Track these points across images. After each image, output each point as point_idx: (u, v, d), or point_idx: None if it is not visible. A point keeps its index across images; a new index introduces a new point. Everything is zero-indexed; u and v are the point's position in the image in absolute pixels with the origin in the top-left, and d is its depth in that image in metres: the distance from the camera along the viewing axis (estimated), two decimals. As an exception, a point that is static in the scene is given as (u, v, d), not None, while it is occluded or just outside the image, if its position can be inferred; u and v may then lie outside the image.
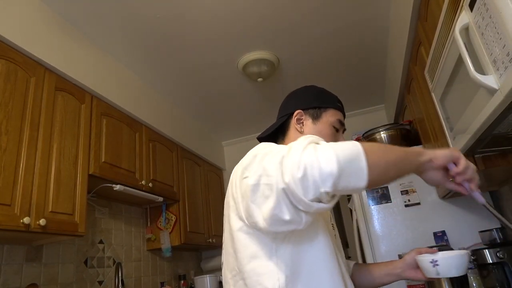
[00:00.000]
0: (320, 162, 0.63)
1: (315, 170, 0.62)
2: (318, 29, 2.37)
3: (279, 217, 0.67)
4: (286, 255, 0.78)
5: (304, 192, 0.63)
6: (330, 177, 0.62)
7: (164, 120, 2.89)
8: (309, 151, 0.65)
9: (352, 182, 0.64)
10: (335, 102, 1.06)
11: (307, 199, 0.63)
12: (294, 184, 0.63)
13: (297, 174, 0.63)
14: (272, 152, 0.73)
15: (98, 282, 2.22)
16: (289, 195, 0.64)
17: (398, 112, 2.99)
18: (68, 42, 2.01)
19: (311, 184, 0.62)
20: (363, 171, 0.64)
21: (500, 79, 0.86)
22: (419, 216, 2.24)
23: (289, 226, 0.68)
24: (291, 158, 0.65)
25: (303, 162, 0.63)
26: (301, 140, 0.69)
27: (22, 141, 1.61)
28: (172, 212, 2.84)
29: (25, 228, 1.51)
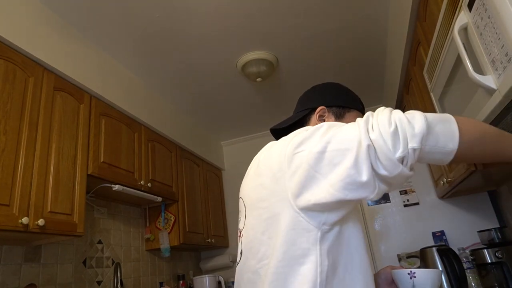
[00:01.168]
0: (410, 119, 0.64)
1: (405, 125, 0.63)
2: (317, 29, 2.37)
3: (354, 179, 0.65)
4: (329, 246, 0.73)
5: (393, 147, 0.63)
6: (419, 132, 0.62)
7: (163, 120, 2.89)
8: (398, 111, 0.66)
9: (441, 141, 0.64)
10: (358, 104, 1.04)
11: (395, 156, 0.62)
12: (383, 139, 0.63)
13: (388, 129, 0.63)
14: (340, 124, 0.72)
15: (97, 282, 2.22)
16: (374, 153, 0.64)
17: (397, 112, 2.99)
18: (66, 42, 2.01)
19: (401, 139, 0.62)
20: (454, 132, 0.64)
21: (498, 79, 0.86)
22: (418, 216, 2.24)
23: (361, 191, 0.66)
24: (380, 116, 0.66)
25: (393, 118, 0.65)
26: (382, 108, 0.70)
27: (21, 141, 1.60)
28: (171, 212, 2.83)
29: (24, 228, 1.50)
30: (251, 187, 0.86)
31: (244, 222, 0.88)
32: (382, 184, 0.66)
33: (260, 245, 0.79)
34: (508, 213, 2.01)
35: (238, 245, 0.91)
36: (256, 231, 0.81)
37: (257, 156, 0.92)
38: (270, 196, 0.78)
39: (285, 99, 3.27)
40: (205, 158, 3.55)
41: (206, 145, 3.64)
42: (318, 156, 0.69)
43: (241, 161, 3.97)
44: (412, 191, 2.27)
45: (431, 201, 2.23)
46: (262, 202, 0.80)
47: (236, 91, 3.05)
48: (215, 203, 3.53)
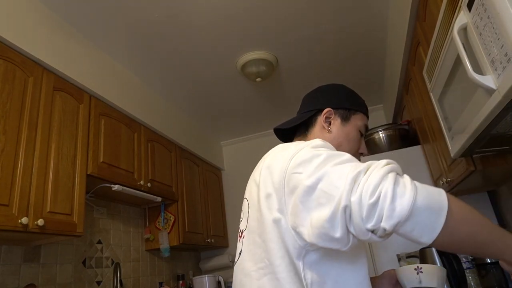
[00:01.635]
0: (396, 197, 0.58)
1: (386, 203, 0.58)
2: (317, 29, 2.37)
3: (327, 232, 0.64)
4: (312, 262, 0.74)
5: (366, 219, 0.60)
6: (397, 216, 0.58)
7: (163, 120, 2.89)
8: (390, 179, 0.60)
9: (416, 232, 0.59)
10: (364, 107, 1.03)
11: (365, 226, 0.60)
12: (360, 206, 0.60)
13: (369, 199, 0.59)
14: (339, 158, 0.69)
15: (97, 282, 2.21)
16: (348, 215, 0.61)
17: (397, 112, 3.00)
18: (66, 42, 2.01)
19: (377, 215, 0.59)
20: (436, 227, 0.58)
21: (498, 79, 0.86)
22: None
23: (333, 244, 0.65)
24: (370, 179, 0.61)
25: (379, 189, 0.59)
26: (384, 163, 0.64)
27: (20, 141, 1.60)
28: (171, 212, 2.83)
29: (23, 229, 1.50)
30: (255, 190, 0.86)
31: (246, 223, 0.88)
32: (355, 241, 0.65)
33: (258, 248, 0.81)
34: (508, 213, 2.01)
35: (237, 245, 0.91)
36: (256, 234, 0.82)
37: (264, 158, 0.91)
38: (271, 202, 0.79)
39: (285, 99, 3.27)
40: (205, 158, 3.54)
41: (205, 145, 3.64)
42: (308, 190, 0.69)
43: (240, 161, 3.98)
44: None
45: (430, 201, 2.23)
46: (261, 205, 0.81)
47: (235, 91, 3.05)
48: (214, 203, 3.53)
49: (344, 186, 0.62)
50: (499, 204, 2.12)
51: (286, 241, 0.75)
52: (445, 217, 0.59)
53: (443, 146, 1.72)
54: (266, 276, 0.77)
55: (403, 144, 2.49)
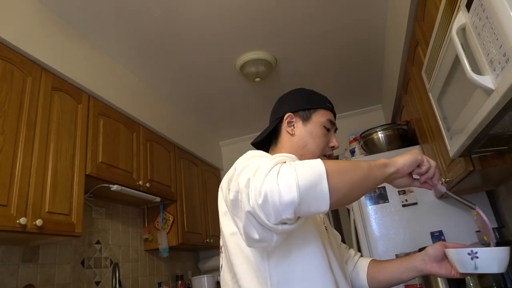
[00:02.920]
0: (281, 190, 0.62)
1: (275, 198, 0.62)
2: (316, 29, 2.37)
3: (250, 236, 0.68)
4: (277, 259, 0.80)
5: (266, 217, 0.63)
6: (291, 205, 0.62)
7: (162, 120, 2.88)
8: (271, 177, 0.64)
9: (313, 207, 0.64)
10: (324, 103, 1.06)
11: (271, 223, 0.64)
12: (257, 210, 0.63)
13: (258, 200, 0.63)
14: (248, 167, 0.72)
15: (95, 282, 2.21)
16: (253, 218, 0.65)
17: (396, 112, 3.00)
18: (65, 42, 2.00)
19: (272, 211, 0.63)
20: (325, 196, 0.64)
21: (496, 80, 0.86)
22: (416, 216, 2.24)
23: (260, 244, 0.69)
24: (254, 182, 0.65)
25: (264, 189, 0.63)
26: (268, 161, 0.68)
27: (19, 141, 1.60)
28: (170, 212, 2.83)
29: (22, 229, 1.50)
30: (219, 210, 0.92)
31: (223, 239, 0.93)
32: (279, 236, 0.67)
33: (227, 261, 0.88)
34: (506, 213, 2.01)
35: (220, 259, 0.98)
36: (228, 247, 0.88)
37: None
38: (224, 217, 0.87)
39: (284, 99, 3.27)
40: (204, 158, 3.54)
41: (204, 145, 3.64)
42: (232, 203, 0.73)
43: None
44: (410, 191, 2.27)
45: (429, 201, 2.24)
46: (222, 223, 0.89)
47: (234, 91, 3.05)
48: (213, 203, 3.52)
49: (243, 195, 0.67)
50: (498, 204, 2.12)
51: (245, 249, 0.82)
52: (327, 183, 0.64)
53: (442, 146, 1.73)
54: (235, 285, 0.84)
55: (402, 144, 2.49)
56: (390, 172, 0.77)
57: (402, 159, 0.79)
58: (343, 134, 3.41)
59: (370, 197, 2.33)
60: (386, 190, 2.32)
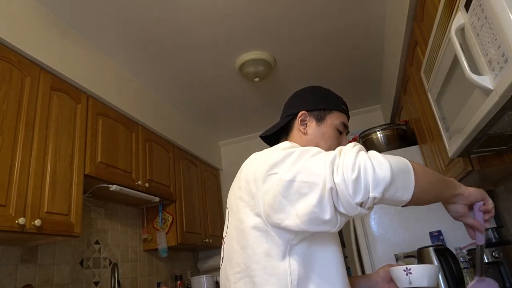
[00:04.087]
0: (375, 167, 0.65)
1: (369, 174, 0.64)
2: (315, 29, 2.38)
3: (317, 216, 0.67)
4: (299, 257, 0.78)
5: (353, 194, 0.64)
6: (382, 182, 0.64)
7: (161, 120, 2.88)
8: (364, 155, 0.67)
9: (399, 193, 0.67)
10: (340, 105, 1.04)
11: (354, 201, 0.64)
12: (345, 185, 0.64)
13: (351, 175, 0.64)
14: (311, 152, 0.73)
15: (94, 283, 2.21)
16: (336, 195, 0.65)
17: (395, 112, 3.00)
18: (63, 41, 2.00)
19: (363, 187, 0.64)
20: (411, 185, 0.67)
21: (495, 80, 0.86)
22: (415, 216, 2.24)
23: (324, 226, 0.69)
24: (346, 159, 0.66)
25: (357, 164, 0.65)
26: (352, 145, 0.70)
27: (17, 141, 1.60)
28: (169, 212, 2.83)
29: (20, 229, 1.50)
30: (233, 199, 0.90)
31: (226, 230, 0.92)
32: (343, 218, 0.69)
33: (235, 253, 0.84)
34: (505, 213, 2.01)
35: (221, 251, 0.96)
36: (234, 241, 0.86)
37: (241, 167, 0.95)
38: (246, 209, 0.82)
39: (283, 99, 3.24)
40: (203, 158, 3.54)
41: (203, 145, 3.64)
42: (287, 184, 0.72)
43: (238, 161, 3.94)
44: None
45: (428, 201, 2.24)
46: (240, 213, 0.85)
47: (233, 91, 3.05)
48: (212, 203, 3.52)
49: (325, 171, 0.67)
50: (497, 204, 2.12)
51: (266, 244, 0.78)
52: (413, 174, 0.68)
53: (440, 146, 1.73)
54: (242, 280, 0.81)
55: (401, 144, 2.49)
56: (457, 192, 0.79)
57: (471, 188, 0.81)
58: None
59: (369, 197, 2.33)
60: (385, 190, 2.32)
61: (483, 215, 0.83)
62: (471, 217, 0.83)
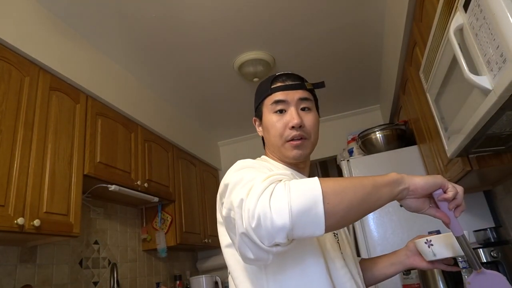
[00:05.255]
0: (273, 214, 0.60)
1: (267, 222, 0.61)
2: (314, 29, 2.38)
3: (245, 256, 0.67)
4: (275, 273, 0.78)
5: (260, 240, 0.62)
6: (282, 230, 0.61)
7: (160, 120, 2.88)
8: (264, 199, 0.62)
9: (307, 231, 0.62)
10: (267, 88, 0.98)
11: (265, 245, 0.63)
12: (250, 231, 0.62)
13: (251, 224, 0.62)
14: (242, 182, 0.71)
15: (93, 283, 2.21)
16: (248, 239, 0.64)
17: (394, 112, 3.01)
18: (63, 41, 2.00)
19: (265, 234, 0.61)
20: (319, 221, 0.61)
21: (494, 80, 0.86)
22: (414, 216, 2.24)
23: (256, 262, 0.69)
24: (247, 204, 0.64)
25: (257, 212, 0.61)
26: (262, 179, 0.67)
27: (16, 141, 1.59)
28: (168, 212, 2.83)
29: (19, 229, 1.49)
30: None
31: None
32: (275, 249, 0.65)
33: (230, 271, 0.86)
34: (504, 213, 2.02)
35: None
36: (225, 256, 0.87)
37: None
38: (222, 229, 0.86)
39: (282, 99, 3.27)
40: (202, 158, 3.54)
41: (202, 145, 3.64)
42: (226, 219, 0.73)
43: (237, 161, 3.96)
44: (408, 191, 2.28)
45: (427, 201, 2.24)
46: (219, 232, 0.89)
47: (233, 91, 3.05)
48: (211, 203, 3.52)
49: (237, 215, 0.66)
50: (495, 204, 2.13)
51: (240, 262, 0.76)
52: (323, 207, 0.61)
53: (439, 146, 1.73)
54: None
55: (400, 144, 2.50)
56: (399, 189, 0.72)
57: (419, 178, 0.74)
58: (341, 134, 3.41)
59: (368, 197, 2.34)
60: (384, 190, 2.32)
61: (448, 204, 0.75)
62: (434, 208, 0.77)
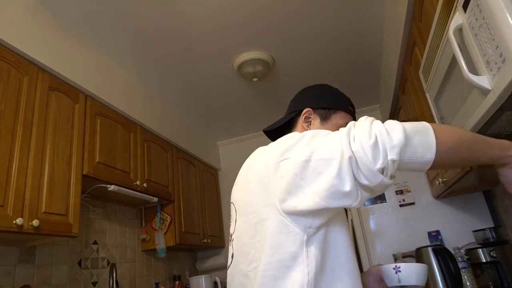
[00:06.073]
0: (389, 131, 0.67)
1: (384, 137, 0.66)
2: (313, 29, 2.38)
3: (337, 189, 0.67)
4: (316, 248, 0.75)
5: (373, 159, 0.65)
6: (397, 143, 0.65)
7: (159, 120, 2.88)
8: (378, 123, 0.69)
9: (419, 152, 0.67)
10: (346, 105, 1.03)
11: (375, 167, 0.65)
12: (364, 151, 0.65)
13: (368, 141, 0.66)
14: (324, 132, 0.75)
15: (92, 283, 2.20)
16: (355, 164, 0.66)
17: (393, 112, 3.01)
18: (62, 41, 2.00)
19: (381, 151, 0.65)
20: (431, 143, 0.67)
21: (493, 80, 0.86)
22: (413, 216, 2.25)
23: (345, 200, 0.69)
24: (361, 129, 0.68)
25: (373, 131, 0.67)
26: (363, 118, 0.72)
27: (15, 141, 1.59)
28: (167, 212, 2.83)
29: (18, 229, 1.49)
30: (241, 193, 0.88)
31: (234, 226, 0.90)
32: (365, 192, 0.69)
33: (250, 248, 0.81)
34: (503, 213, 2.02)
35: (229, 248, 0.93)
36: (246, 235, 0.83)
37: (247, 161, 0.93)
38: (258, 201, 0.80)
39: (281, 99, 3.27)
40: (201, 158, 3.54)
41: (202, 145, 3.64)
42: (303, 164, 0.71)
43: (237, 161, 3.94)
44: (407, 191, 2.28)
45: (426, 201, 2.24)
46: (251, 207, 0.82)
47: (232, 91, 3.05)
48: (211, 203, 3.52)
49: (342, 142, 0.68)
50: (494, 204, 2.13)
51: (280, 234, 0.75)
52: (433, 133, 0.68)
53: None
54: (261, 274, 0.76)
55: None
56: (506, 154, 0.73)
57: None
58: (340, 134, 3.41)
59: (368, 197, 2.34)
60: (384, 190, 2.32)
61: None
62: None
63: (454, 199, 2.19)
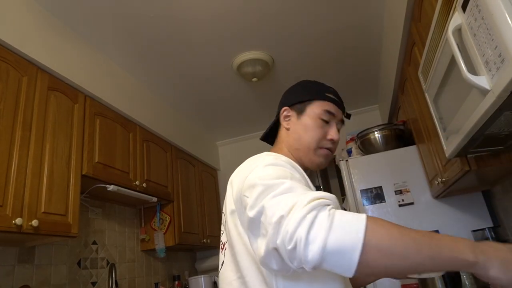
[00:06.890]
0: (308, 245, 0.60)
1: (301, 249, 0.61)
2: (313, 29, 2.38)
3: (267, 264, 0.69)
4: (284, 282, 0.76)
5: (290, 261, 0.64)
6: (311, 262, 0.61)
7: (158, 120, 2.88)
8: (304, 226, 0.61)
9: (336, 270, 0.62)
10: (322, 93, 1.01)
11: (291, 265, 0.64)
12: (283, 250, 0.63)
13: (287, 246, 0.62)
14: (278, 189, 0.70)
15: (92, 283, 2.20)
16: (277, 254, 0.66)
17: (392, 112, 3.01)
18: (61, 41, 1.99)
19: (297, 259, 0.62)
20: (351, 267, 0.59)
21: (492, 80, 0.86)
22: (412, 216, 2.25)
23: (276, 272, 0.71)
24: (288, 225, 0.63)
25: (295, 237, 0.61)
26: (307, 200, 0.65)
27: (14, 141, 1.59)
28: (167, 212, 2.82)
29: (17, 229, 1.49)
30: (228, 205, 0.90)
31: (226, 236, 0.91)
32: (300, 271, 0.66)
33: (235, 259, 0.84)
34: (502, 213, 2.02)
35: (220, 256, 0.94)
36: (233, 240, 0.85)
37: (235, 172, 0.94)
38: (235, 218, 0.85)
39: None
40: (201, 158, 3.54)
41: (201, 145, 3.64)
42: (251, 221, 0.74)
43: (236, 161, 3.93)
44: (407, 191, 2.28)
45: (425, 201, 2.24)
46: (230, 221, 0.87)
47: (231, 91, 3.05)
48: (210, 203, 3.52)
49: (272, 229, 0.65)
50: (494, 204, 2.13)
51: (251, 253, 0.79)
52: (358, 256, 0.59)
53: (438, 146, 1.73)
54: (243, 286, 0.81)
55: (398, 144, 2.50)
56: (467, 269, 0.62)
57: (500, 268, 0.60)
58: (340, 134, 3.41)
59: (367, 197, 2.34)
60: (383, 190, 2.32)
61: None
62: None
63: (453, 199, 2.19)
